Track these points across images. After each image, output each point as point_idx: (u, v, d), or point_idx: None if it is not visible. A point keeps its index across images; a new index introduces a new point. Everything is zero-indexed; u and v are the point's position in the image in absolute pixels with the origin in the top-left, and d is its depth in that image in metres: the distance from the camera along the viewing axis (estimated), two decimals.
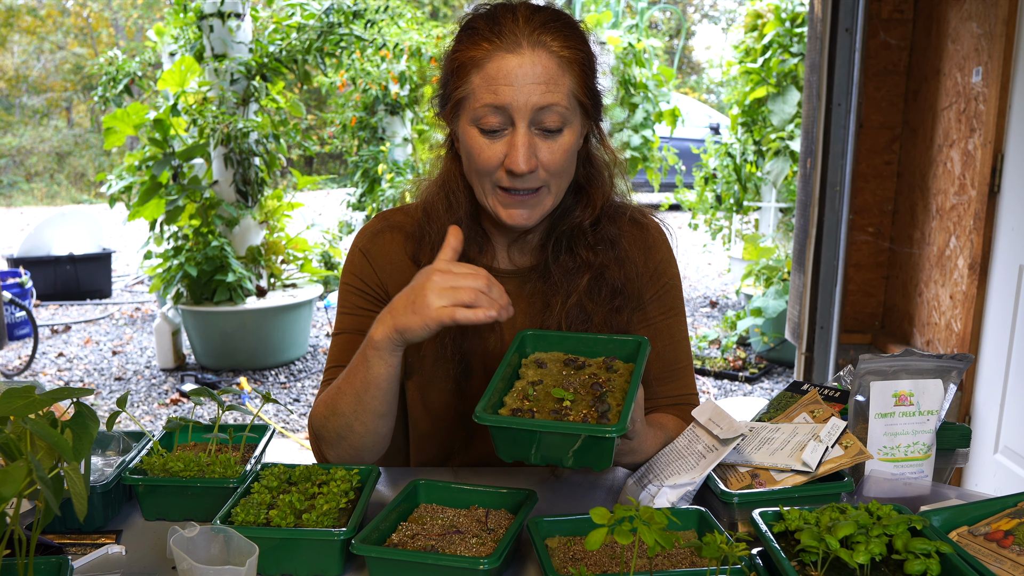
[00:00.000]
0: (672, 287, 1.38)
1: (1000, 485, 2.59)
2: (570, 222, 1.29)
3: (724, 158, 5.94)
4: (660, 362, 1.36)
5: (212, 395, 1.25)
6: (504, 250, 1.34)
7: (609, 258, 1.30)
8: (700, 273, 8.20)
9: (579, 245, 1.29)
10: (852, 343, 3.42)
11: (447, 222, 1.26)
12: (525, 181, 1.18)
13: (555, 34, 1.16)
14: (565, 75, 1.16)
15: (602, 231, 1.30)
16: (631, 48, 6.80)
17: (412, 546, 1.03)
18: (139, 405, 4.57)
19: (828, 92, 3.29)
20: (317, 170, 14.81)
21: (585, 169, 1.30)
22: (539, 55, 1.14)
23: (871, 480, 1.15)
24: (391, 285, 1.33)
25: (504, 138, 1.17)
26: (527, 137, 1.15)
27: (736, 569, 0.90)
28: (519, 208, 1.21)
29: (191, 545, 0.96)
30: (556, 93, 1.15)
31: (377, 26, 5.28)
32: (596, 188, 1.29)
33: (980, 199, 2.68)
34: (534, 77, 1.13)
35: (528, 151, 1.15)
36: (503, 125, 1.16)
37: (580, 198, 1.30)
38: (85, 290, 7.38)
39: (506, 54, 1.14)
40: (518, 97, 1.13)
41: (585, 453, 1.00)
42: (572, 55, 1.17)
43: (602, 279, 1.29)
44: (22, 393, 0.84)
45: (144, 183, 4.95)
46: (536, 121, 1.15)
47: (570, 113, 1.17)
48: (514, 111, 1.14)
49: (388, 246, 1.35)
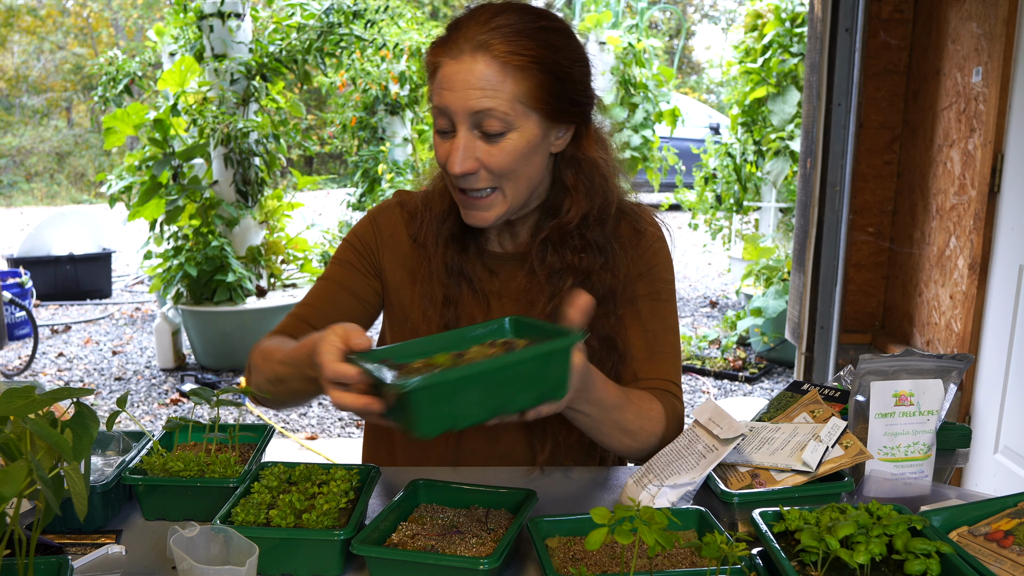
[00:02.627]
0: (660, 272, 1.37)
1: (1000, 485, 2.59)
2: (557, 222, 1.30)
3: (724, 158, 5.94)
4: (642, 344, 1.34)
5: (206, 398, 1.25)
6: (496, 237, 1.37)
7: (596, 263, 1.30)
8: (700, 273, 8.20)
9: (565, 247, 1.29)
10: (852, 343, 3.42)
11: (440, 208, 1.33)
12: (468, 182, 1.21)
13: (503, 38, 1.16)
14: (508, 79, 1.16)
15: (591, 235, 1.30)
16: (631, 48, 6.80)
17: (412, 546, 1.03)
18: (139, 405, 4.57)
19: (828, 92, 3.29)
20: (317, 170, 14.81)
21: (572, 171, 1.29)
22: (479, 60, 1.15)
23: (871, 480, 1.15)
24: (387, 256, 1.39)
25: (451, 139, 1.21)
26: (464, 140, 1.18)
27: (736, 569, 0.90)
28: (474, 209, 1.25)
29: (191, 545, 0.96)
30: (495, 98, 1.16)
31: (377, 26, 5.27)
32: (582, 191, 1.29)
33: (980, 199, 2.68)
34: (471, 82, 1.15)
35: (463, 154, 1.18)
36: (449, 127, 1.20)
37: (566, 198, 1.30)
38: (85, 290, 7.38)
39: (450, 60, 1.17)
40: (456, 102, 1.17)
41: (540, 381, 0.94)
42: (521, 60, 1.16)
43: (587, 283, 1.29)
44: (22, 393, 0.84)
45: (144, 183, 4.95)
46: (476, 124, 1.18)
47: (515, 117, 1.17)
48: (453, 115, 1.18)
49: (394, 220, 1.41)
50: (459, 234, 1.34)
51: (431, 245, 1.34)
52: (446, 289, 1.33)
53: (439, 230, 1.34)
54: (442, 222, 1.34)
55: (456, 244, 1.34)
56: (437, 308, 1.33)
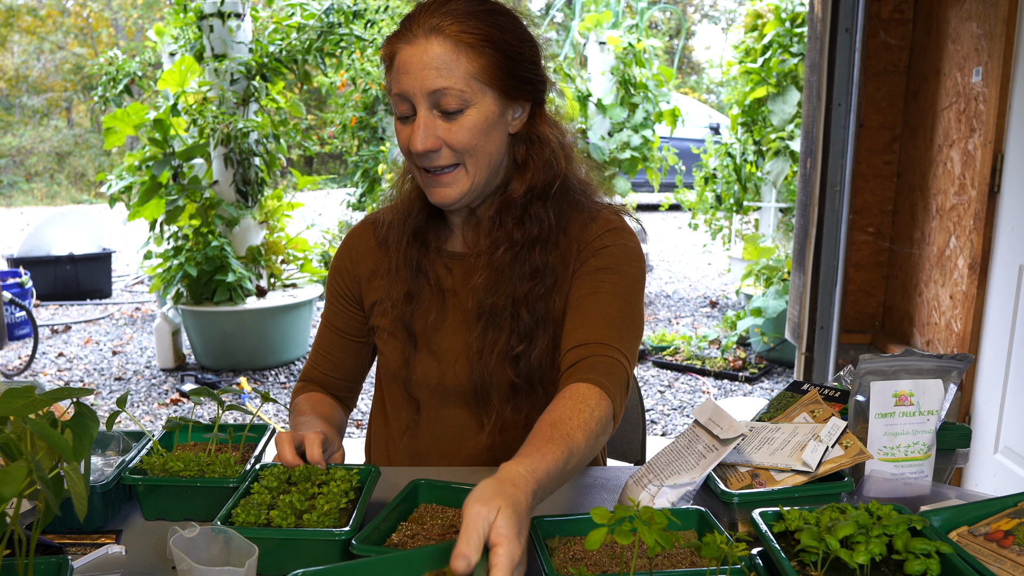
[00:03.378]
0: (610, 253, 1.31)
1: (1000, 485, 2.59)
2: (503, 197, 1.32)
3: (724, 158, 5.94)
4: (578, 310, 1.26)
5: (212, 395, 1.25)
6: (459, 232, 1.40)
7: (532, 236, 1.30)
8: (700, 273, 8.20)
9: (507, 219, 1.31)
10: (852, 343, 3.41)
11: (405, 205, 1.39)
12: (432, 160, 1.25)
13: (454, 19, 1.22)
14: (462, 58, 1.21)
15: (532, 209, 1.31)
16: (631, 48, 6.80)
17: (412, 546, 1.03)
18: (139, 405, 4.57)
19: (828, 92, 3.29)
20: (317, 170, 14.81)
21: (524, 147, 1.32)
22: (432, 42, 1.21)
23: (871, 480, 1.15)
24: (363, 272, 1.45)
25: (412, 122, 1.25)
26: (424, 120, 1.23)
27: (736, 569, 0.90)
28: (438, 187, 1.28)
29: (191, 546, 0.96)
30: (450, 77, 1.21)
31: (377, 26, 5.27)
32: (530, 166, 1.32)
33: (980, 199, 2.68)
34: (425, 64, 1.21)
35: (424, 132, 1.22)
36: (410, 111, 1.24)
37: (515, 174, 1.33)
38: (85, 290, 7.38)
39: (405, 46, 1.23)
40: (414, 84, 1.21)
41: None
42: (472, 38, 1.21)
43: (524, 255, 1.30)
44: (22, 393, 0.84)
45: (144, 183, 4.95)
46: (435, 104, 1.22)
47: (471, 94, 1.22)
48: (412, 97, 1.22)
49: (360, 238, 1.47)
50: (422, 230, 1.38)
51: (395, 242, 1.39)
52: (407, 285, 1.37)
53: (403, 227, 1.38)
54: (405, 218, 1.38)
55: (418, 241, 1.38)
56: (397, 304, 1.38)
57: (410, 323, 1.37)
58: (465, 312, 1.36)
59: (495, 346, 1.32)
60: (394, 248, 1.39)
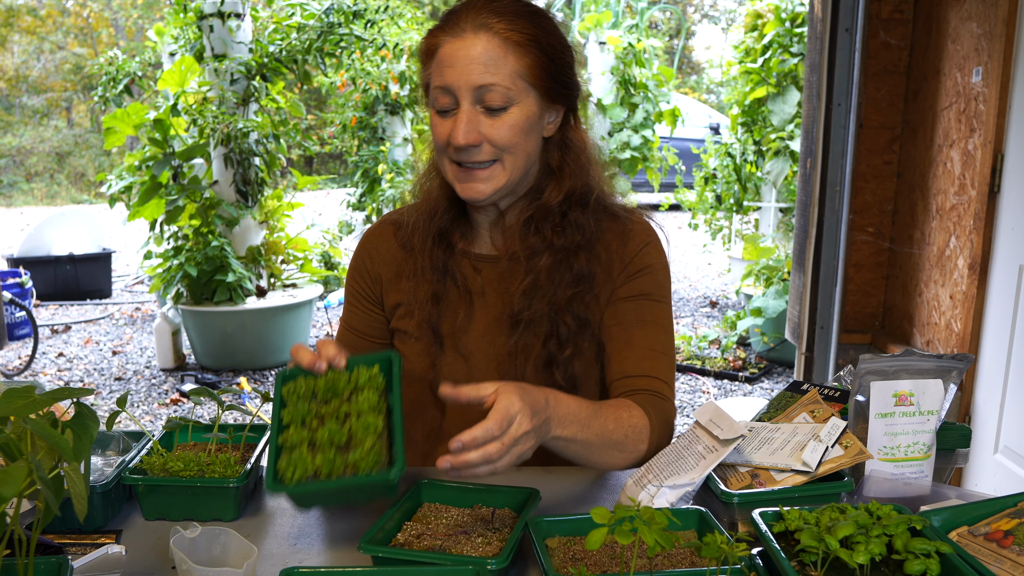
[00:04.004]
0: (651, 274, 1.36)
1: (1000, 485, 2.59)
2: (539, 202, 1.33)
3: (724, 158, 5.93)
4: (631, 342, 1.32)
5: (212, 395, 1.25)
6: (487, 233, 1.39)
7: (575, 243, 1.32)
8: (700, 273, 8.20)
9: (545, 226, 1.32)
10: (852, 343, 3.41)
11: (430, 204, 1.37)
12: (471, 155, 1.25)
13: (502, 17, 1.23)
14: (510, 55, 1.22)
15: (572, 216, 1.33)
16: (631, 48, 6.80)
17: (418, 546, 1.03)
18: (139, 405, 4.57)
19: (828, 92, 3.29)
20: (317, 170, 14.81)
21: (559, 153, 1.34)
22: (481, 38, 1.22)
23: (871, 480, 1.15)
24: (384, 273, 1.43)
25: (454, 116, 1.25)
26: (468, 114, 1.23)
27: (736, 569, 0.90)
28: (472, 182, 1.28)
29: (192, 546, 0.96)
30: (497, 73, 1.21)
31: (377, 26, 5.28)
32: (564, 172, 1.33)
33: (980, 199, 2.68)
34: (473, 59, 1.21)
35: (468, 126, 1.23)
36: (452, 105, 1.24)
37: (550, 180, 1.34)
38: (85, 290, 7.38)
39: (452, 39, 1.23)
40: (459, 78, 1.22)
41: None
42: (520, 37, 1.23)
43: (565, 263, 1.32)
44: (22, 393, 0.84)
45: (144, 183, 4.95)
46: (479, 99, 1.23)
47: (516, 92, 1.23)
48: (457, 91, 1.23)
49: (380, 238, 1.45)
50: (447, 231, 1.37)
51: (419, 243, 1.38)
52: (433, 286, 1.36)
53: (427, 227, 1.37)
54: (431, 218, 1.37)
55: (443, 242, 1.37)
56: (424, 305, 1.37)
57: (437, 325, 1.36)
58: (495, 314, 1.36)
59: (530, 351, 1.32)
60: (419, 250, 1.37)
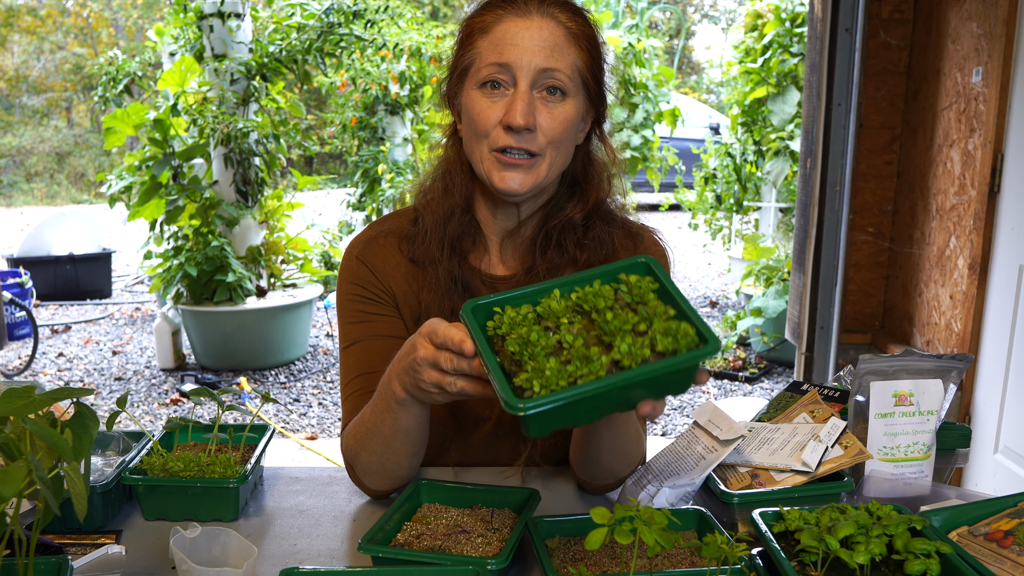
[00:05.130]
0: None
1: (1000, 485, 2.59)
2: (561, 216, 1.30)
3: (724, 158, 5.94)
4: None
5: (212, 395, 1.25)
6: (497, 248, 1.34)
7: (598, 257, 1.30)
8: (700, 273, 8.20)
9: (568, 240, 1.29)
10: (852, 343, 3.41)
11: (443, 209, 1.29)
12: (522, 140, 1.19)
13: (564, 10, 1.22)
14: (571, 47, 1.21)
15: (594, 230, 1.31)
16: (631, 48, 6.80)
17: (419, 546, 1.03)
18: (139, 405, 4.57)
19: (828, 92, 3.29)
20: (317, 170, 14.81)
21: (583, 165, 1.32)
22: (547, 23, 1.20)
23: (871, 480, 1.15)
24: (396, 287, 1.32)
25: (506, 98, 1.19)
26: (528, 95, 1.18)
27: (736, 569, 0.90)
28: (512, 171, 1.21)
29: (192, 546, 0.96)
30: (561, 60, 1.19)
31: (377, 26, 5.27)
32: (591, 185, 1.31)
33: (980, 199, 2.68)
34: (541, 40, 1.18)
35: (527, 107, 1.17)
36: (506, 83, 1.19)
37: (574, 193, 1.31)
38: (85, 290, 7.38)
39: (516, 18, 1.20)
40: (523, 56, 1.18)
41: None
42: (581, 31, 1.22)
43: None
44: (22, 393, 0.84)
45: (144, 183, 4.95)
46: (538, 84, 1.19)
47: (572, 84, 1.21)
48: (517, 70, 1.18)
49: (383, 250, 1.33)
50: (460, 238, 1.30)
51: (435, 253, 1.29)
52: (451, 300, 1.28)
53: (442, 234, 1.29)
54: (445, 224, 1.29)
55: (457, 254, 1.30)
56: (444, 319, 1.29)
57: None
58: None
59: None
60: (436, 258, 1.29)
